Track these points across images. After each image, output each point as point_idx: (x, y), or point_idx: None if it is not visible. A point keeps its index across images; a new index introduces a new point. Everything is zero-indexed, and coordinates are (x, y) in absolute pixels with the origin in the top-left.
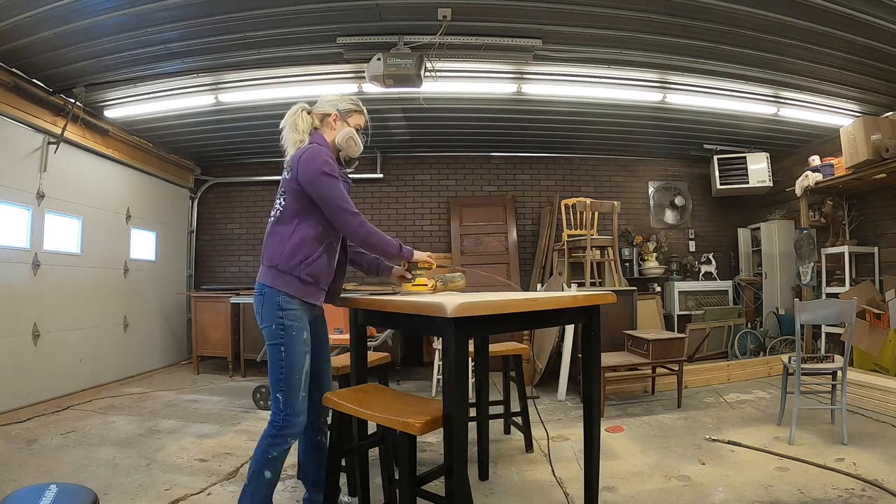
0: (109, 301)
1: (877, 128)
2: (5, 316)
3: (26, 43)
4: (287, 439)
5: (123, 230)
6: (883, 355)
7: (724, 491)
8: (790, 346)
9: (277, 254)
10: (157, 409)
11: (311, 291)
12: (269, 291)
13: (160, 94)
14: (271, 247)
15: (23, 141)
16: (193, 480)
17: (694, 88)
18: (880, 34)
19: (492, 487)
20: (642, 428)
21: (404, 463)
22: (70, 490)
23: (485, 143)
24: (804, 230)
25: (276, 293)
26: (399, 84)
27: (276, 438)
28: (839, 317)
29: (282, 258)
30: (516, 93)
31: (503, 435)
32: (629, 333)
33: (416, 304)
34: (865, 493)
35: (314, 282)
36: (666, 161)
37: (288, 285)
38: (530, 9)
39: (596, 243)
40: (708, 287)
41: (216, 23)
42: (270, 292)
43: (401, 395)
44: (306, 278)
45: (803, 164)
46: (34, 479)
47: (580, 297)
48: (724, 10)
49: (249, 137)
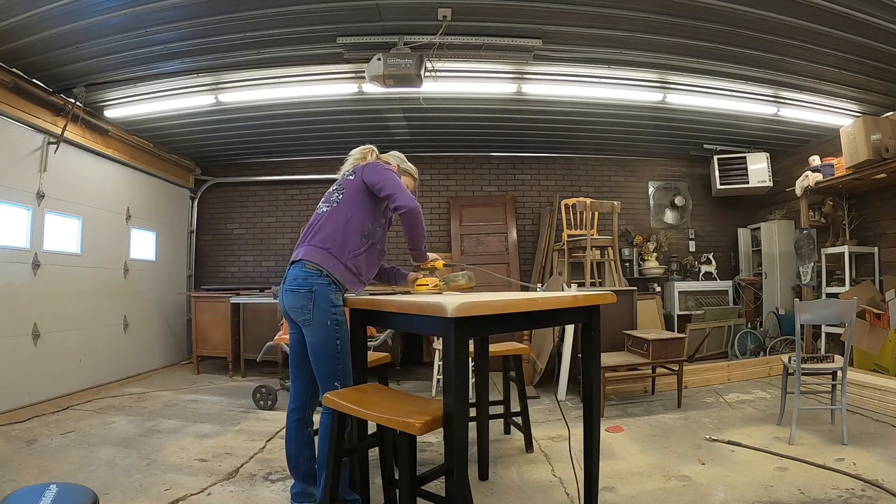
0: (109, 301)
1: (877, 128)
2: (5, 316)
3: (26, 43)
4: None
5: (123, 230)
6: (883, 355)
7: (724, 491)
8: (790, 346)
9: (331, 239)
10: (157, 409)
11: (353, 281)
12: (319, 289)
13: (160, 94)
14: (326, 232)
15: (23, 141)
16: (193, 480)
17: (694, 88)
18: (880, 34)
19: (492, 487)
20: (642, 428)
21: (404, 463)
22: (70, 490)
23: (485, 143)
24: (804, 230)
25: (327, 290)
26: (399, 84)
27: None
28: (839, 317)
29: (334, 243)
30: (516, 93)
31: (503, 435)
32: (629, 333)
33: (417, 305)
34: (865, 493)
35: (356, 273)
36: (666, 161)
37: (335, 269)
38: (530, 9)
39: (596, 243)
40: (708, 287)
41: (216, 23)
42: (321, 289)
43: (401, 395)
44: (351, 267)
45: (803, 164)
46: (34, 479)
47: (580, 297)
48: (724, 10)
49: (249, 137)
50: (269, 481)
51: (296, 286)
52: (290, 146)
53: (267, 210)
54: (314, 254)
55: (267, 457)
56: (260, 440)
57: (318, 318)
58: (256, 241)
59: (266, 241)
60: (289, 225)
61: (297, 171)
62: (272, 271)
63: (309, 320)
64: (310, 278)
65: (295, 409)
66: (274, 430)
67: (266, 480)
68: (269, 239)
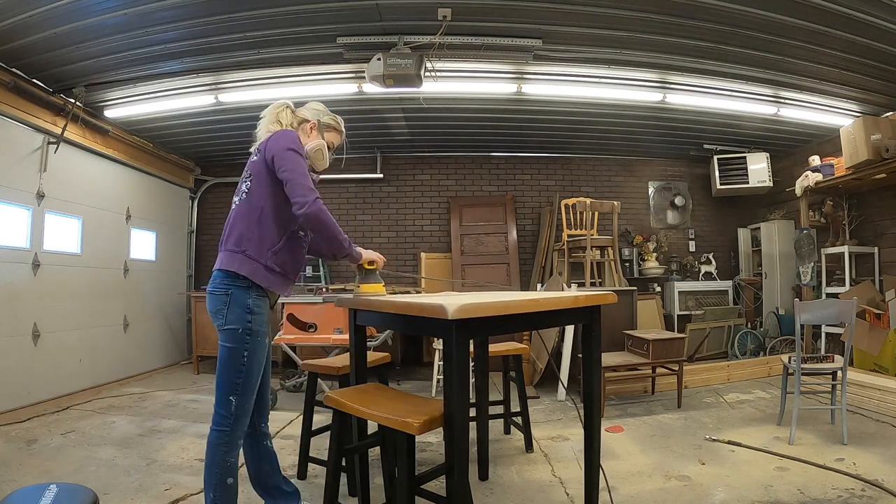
0: (109, 301)
1: (877, 128)
2: (5, 316)
3: (26, 43)
4: (238, 442)
5: (123, 230)
6: (883, 355)
7: (724, 491)
8: (790, 346)
9: (245, 239)
10: (157, 409)
11: (279, 282)
12: (236, 293)
13: (160, 94)
14: (239, 231)
15: (23, 141)
16: (193, 480)
17: (694, 88)
18: (880, 34)
19: (492, 487)
20: (642, 428)
21: (403, 462)
22: (70, 490)
23: (485, 143)
24: (804, 230)
25: (244, 294)
26: (399, 84)
27: (230, 444)
28: (839, 317)
29: (250, 243)
30: (516, 93)
31: (503, 435)
32: (629, 333)
33: (417, 306)
34: (865, 493)
35: (282, 272)
36: (666, 161)
37: (255, 273)
38: (530, 9)
39: (596, 243)
40: (708, 287)
41: (216, 23)
42: (238, 293)
43: (401, 394)
44: (273, 266)
45: (803, 164)
46: (34, 479)
47: (581, 298)
48: (724, 10)
49: (249, 137)
50: None
51: (212, 288)
52: None
53: None
54: (230, 260)
55: None
56: None
57: (230, 324)
58: None
59: None
60: None
61: None
62: None
63: (222, 325)
64: (227, 280)
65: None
66: (274, 430)
67: None
68: None
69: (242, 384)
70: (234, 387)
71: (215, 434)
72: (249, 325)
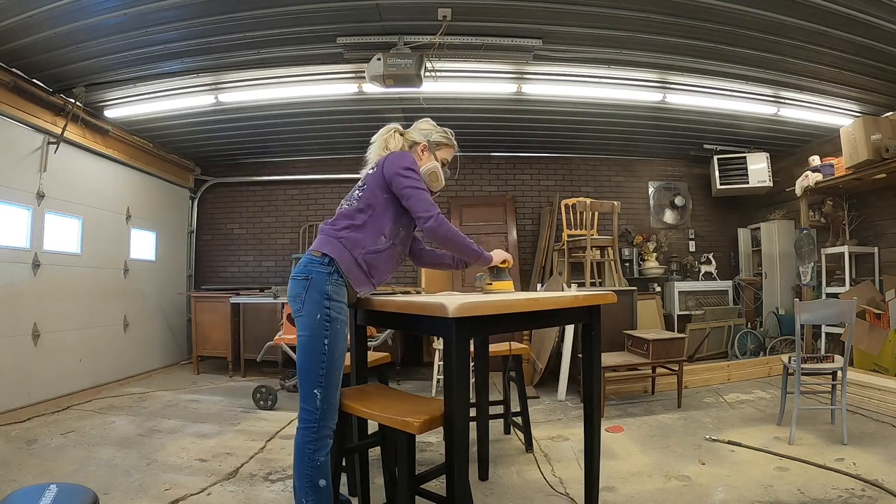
0: (109, 301)
1: (877, 128)
2: (5, 316)
3: (26, 43)
4: (328, 440)
5: (123, 230)
6: (883, 355)
7: (724, 491)
8: (790, 346)
9: (346, 230)
10: (157, 409)
11: (361, 280)
12: (317, 277)
13: (160, 94)
14: (342, 223)
15: (23, 141)
16: (193, 480)
17: (694, 88)
18: (880, 34)
19: (492, 487)
20: (642, 428)
21: (403, 462)
22: (70, 490)
23: (485, 143)
24: (804, 230)
25: (325, 279)
26: (399, 84)
27: (318, 441)
28: (839, 317)
29: (349, 235)
30: (516, 93)
31: (503, 435)
32: (629, 333)
33: (418, 305)
34: (865, 493)
35: (367, 272)
36: (666, 161)
37: (342, 259)
38: (530, 9)
39: (596, 243)
40: (708, 287)
41: (216, 23)
42: (319, 277)
43: (401, 394)
44: (362, 263)
45: (803, 164)
46: (34, 479)
47: (581, 297)
48: (724, 10)
49: (249, 137)
50: (269, 481)
51: (295, 272)
52: (290, 146)
53: (267, 210)
54: (323, 242)
55: (267, 457)
56: (260, 440)
57: (309, 310)
58: (256, 241)
59: (266, 241)
60: (288, 225)
61: (296, 171)
62: (272, 271)
63: (300, 311)
64: (310, 265)
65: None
66: (274, 430)
67: (266, 480)
68: (269, 239)
69: (326, 375)
70: (318, 378)
71: (302, 433)
72: (328, 310)
